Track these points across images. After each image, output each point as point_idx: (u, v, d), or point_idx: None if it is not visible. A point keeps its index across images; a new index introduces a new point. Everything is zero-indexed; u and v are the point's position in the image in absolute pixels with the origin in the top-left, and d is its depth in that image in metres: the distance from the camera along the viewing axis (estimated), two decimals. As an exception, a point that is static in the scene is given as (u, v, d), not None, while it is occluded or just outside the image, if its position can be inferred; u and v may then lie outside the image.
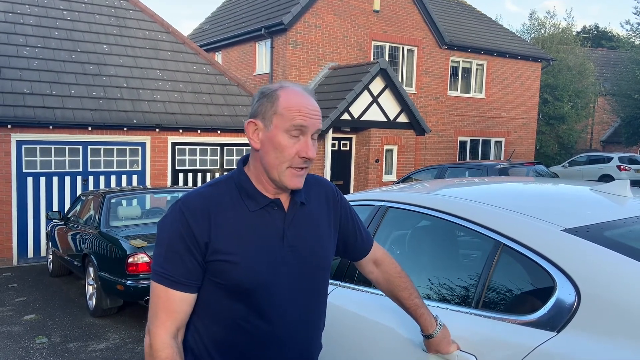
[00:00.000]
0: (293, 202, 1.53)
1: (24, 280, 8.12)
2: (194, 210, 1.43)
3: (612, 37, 38.00)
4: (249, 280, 1.42)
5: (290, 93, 1.46)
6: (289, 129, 1.43)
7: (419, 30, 16.23)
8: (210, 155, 11.26)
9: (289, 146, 1.43)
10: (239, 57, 16.16)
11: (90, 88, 10.10)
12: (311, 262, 1.54)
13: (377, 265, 1.81)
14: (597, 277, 1.64)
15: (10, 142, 9.03)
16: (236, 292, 1.43)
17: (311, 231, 1.56)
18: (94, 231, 6.49)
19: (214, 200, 1.46)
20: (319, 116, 1.48)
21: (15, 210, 9.19)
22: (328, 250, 1.62)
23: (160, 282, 1.43)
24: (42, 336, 5.63)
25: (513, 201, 2.20)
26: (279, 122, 1.44)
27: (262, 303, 1.45)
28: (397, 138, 14.25)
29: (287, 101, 1.44)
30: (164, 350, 1.40)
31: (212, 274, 1.43)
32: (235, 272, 1.42)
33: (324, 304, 1.63)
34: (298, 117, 1.43)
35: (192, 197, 1.47)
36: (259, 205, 1.48)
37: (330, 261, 1.64)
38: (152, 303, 1.45)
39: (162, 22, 12.38)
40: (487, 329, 1.81)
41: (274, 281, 1.46)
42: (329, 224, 1.64)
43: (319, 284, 1.58)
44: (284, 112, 1.43)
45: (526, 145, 19.76)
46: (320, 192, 1.65)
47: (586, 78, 23.66)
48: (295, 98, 1.45)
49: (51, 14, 11.05)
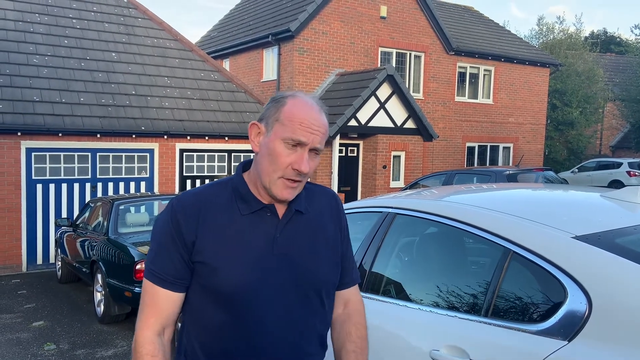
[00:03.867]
0: (289, 209, 1.47)
1: (32, 286, 8.15)
2: (185, 208, 1.41)
3: (621, 42, 37.82)
4: (230, 284, 1.38)
5: (297, 103, 1.42)
6: (286, 138, 1.38)
7: (426, 36, 16.23)
8: (218, 162, 11.28)
9: (284, 155, 1.39)
10: (246, 64, 16.22)
11: (99, 95, 10.17)
12: (306, 272, 1.45)
13: (344, 307, 1.64)
14: (609, 285, 1.62)
15: (20, 149, 9.10)
16: (217, 295, 1.40)
17: (308, 241, 1.49)
18: (102, 238, 6.52)
19: (207, 199, 1.44)
20: (321, 133, 1.41)
21: (25, 217, 9.25)
22: (326, 261, 1.51)
23: (148, 279, 1.43)
24: (51, 343, 5.64)
25: (522, 208, 2.18)
26: (278, 130, 1.40)
27: (243, 308, 1.39)
28: (404, 144, 14.22)
29: (292, 111, 1.40)
30: (145, 346, 1.39)
31: (197, 274, 1.41)
32: (216, 275, 1.38)
33: (317, 317, 1.49)
34: (298, 129, 1.38)
35: (187, 195, 1.46)
36: (251, 209, 1.44)
37: (332, 275, 1.53)
38: (141, 299, 1.45)
39: (170, 30, 12.46)
40: (497, 337, 1.79)
41: (256, 288, 1.39)
42: (331, 236, 1.55)
43: (313, 294, 1.47)
44: (286, 121, 1.40)
45: (535, 151, 19.66)
46: (323, 203, 1.58)
47: (595, 83, 23.54)
48: (301, 109, 1.40)
49: (61, 23, 11.15)
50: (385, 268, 2.47)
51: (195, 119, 10.85)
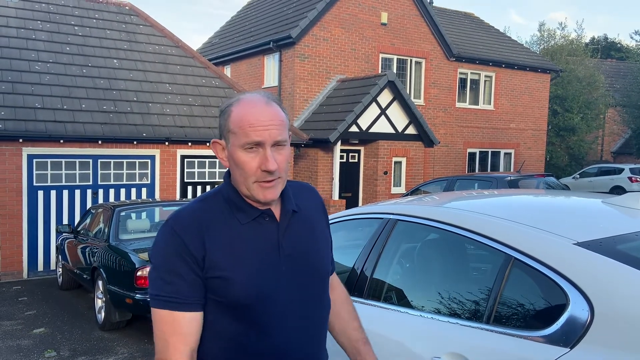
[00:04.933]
0: (285, 211, 1.48)
1: (33, 293, 8.14)
2: (186, 227, 1.37)
3: (622, 48, 37.86)
4: (247, 294, 1.36)
5: (241, 107, 1.39)
6: (243, 145, 1.37)
7: (426, 43, 16.28)
8: (219, 168, 11.29)
9: (248, 161, 1.37)
10: (247, 71, 16.27)
11: (100, 102, 10.19)
12: (310, 269, 1.49)
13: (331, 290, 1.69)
14: (611, 291, 1.61)
15: (21, 156, 9.12)
16: (234, 307, 1.37)
17: (307, 238, 1.51)
18: (103, 244, 6.51)
19: (205, 215, 1.41)
20: (276, 125, 1.38)
21: (26, 223, 9.25)
22: (326, 254, 1.57)
23: (163, 307, 1.35)
24: (51, 350, 5.63)
25: (524, 214, 2.17)
26: (233, 140, 1.38)
27: (262, 317, 1.39)
28: (405, 150, 14.23)
29: (238, 116, 1.38)
30: None
31: (210, 290, 1.38)
32: (232, 288, 1.36)
33: (326, 311, 1.56)
34: (251, 132, 1.35)
35: (182, 213, 1.41)
36: (250, 217, 1.43)
37: (330, 265, 1.59)
38: (159, 331, 1.36)
39: (171, 37, 12.51)
40: (498, 344, 1.78)
41: (272, 294, 1.40)
42: (323, 228, 1.60)
43: (319, 291, 1.52)
44: (236, 129, 1.37)
45: (536, 157, 19.65)
46: (310, 197, 1.61)
47: (596, 89, 23.54)
48: (246, 111, 1.37)
49: (63, 30, 11.20)
50: (387, 274, 2.46)
51: (197, 125, 10.87)
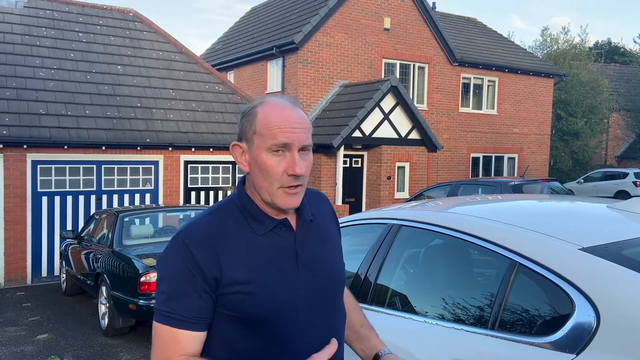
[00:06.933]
0: (301, 220, 1.43)
1: (37, 299, 8.15)
2: (197, 242, 1.31)
3: (625, 53, 37.83)
4: (268, 308, 1.31)
5: (268, 108, 1.35)
6: (270, 147, 1.31)
7: (429, 48, 16.29)
8: (222, 174, 11.30)
9: (275, 165, 1.32)
10: (250, 76, 16.31)
11: (104, 108, 10.23)
12: (327, 279, 1.45)
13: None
14: (617, 297, 1.60)
15: (25, 161, 9.15)
16: (253, 322, 1.31)
17: (324, 247, 1.48)
18: (106, 250, 6.51)
19: (218, 228, 1.35)
20: (303, 129, 1.34)
21: (30, 229, 9.27)
22: (341, 263, 1.55)
23: (165, 323, 1.29)
24: (55, 356, 5.62)
25: (528, 219, 2.16)
26: (259, 142, 1.33)
27: (281, 330, 1.33)
28: (408, 155, 14.22)
29: (265, 118, 1.33)
30: None
31: (225, 307, 1.31)
32: (252, 302, 1.30)
33: (343, 321, 1.53)
34: (279, 134, 1.31)
35: (194, 227, 1.34)
36: (267, 227, 1.37)
37: (344, 274, 1.56)
38: (158, 348, 1.30)
39: (175, 43, 12.55)
40: (503, 350, 1.77)
41: (293, 306, 1.35)
42: (336, 236, 1.57)
43: (337, 301, 1.49)
44: (263, 130, 1.32)
45: (540, 162, 19.60)
46: (322, 205, 1.57)
47: (600, 94, 23.50)
48: (274, 113, 1.33)
49: (67, 36, 11.26)
50: (391, 280, 2.45)
51: (200, 130, 10.89)
